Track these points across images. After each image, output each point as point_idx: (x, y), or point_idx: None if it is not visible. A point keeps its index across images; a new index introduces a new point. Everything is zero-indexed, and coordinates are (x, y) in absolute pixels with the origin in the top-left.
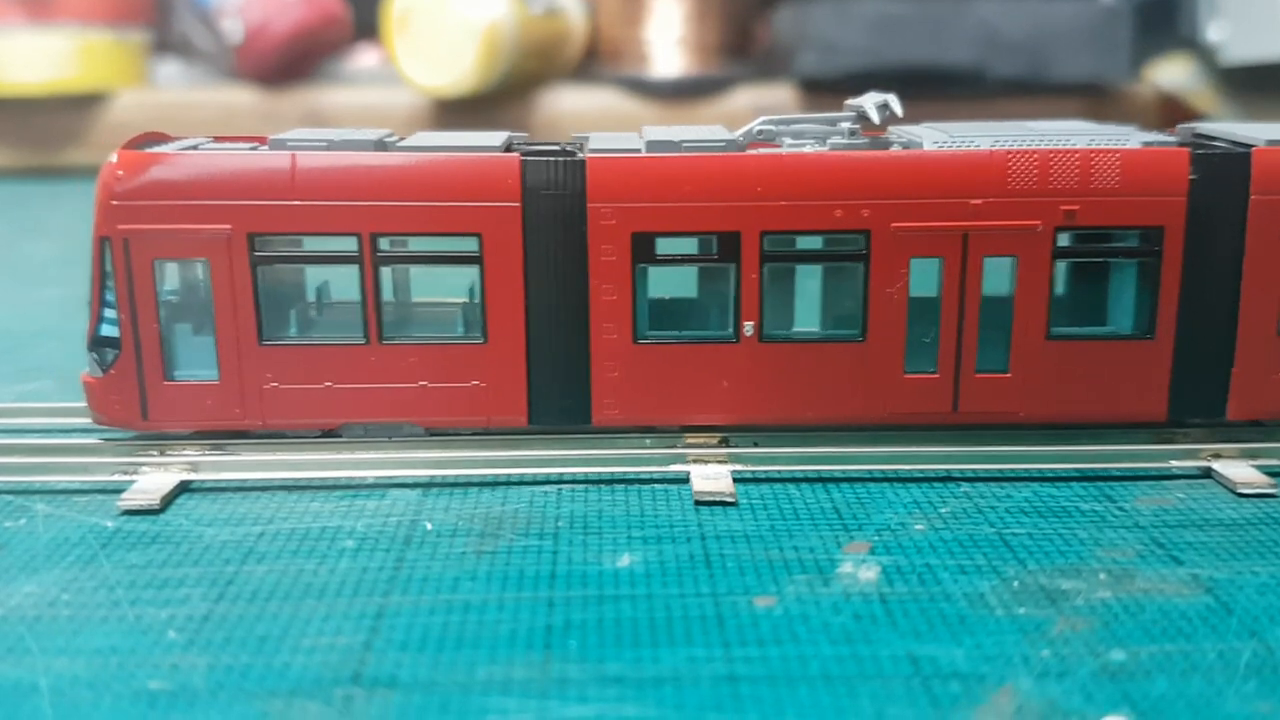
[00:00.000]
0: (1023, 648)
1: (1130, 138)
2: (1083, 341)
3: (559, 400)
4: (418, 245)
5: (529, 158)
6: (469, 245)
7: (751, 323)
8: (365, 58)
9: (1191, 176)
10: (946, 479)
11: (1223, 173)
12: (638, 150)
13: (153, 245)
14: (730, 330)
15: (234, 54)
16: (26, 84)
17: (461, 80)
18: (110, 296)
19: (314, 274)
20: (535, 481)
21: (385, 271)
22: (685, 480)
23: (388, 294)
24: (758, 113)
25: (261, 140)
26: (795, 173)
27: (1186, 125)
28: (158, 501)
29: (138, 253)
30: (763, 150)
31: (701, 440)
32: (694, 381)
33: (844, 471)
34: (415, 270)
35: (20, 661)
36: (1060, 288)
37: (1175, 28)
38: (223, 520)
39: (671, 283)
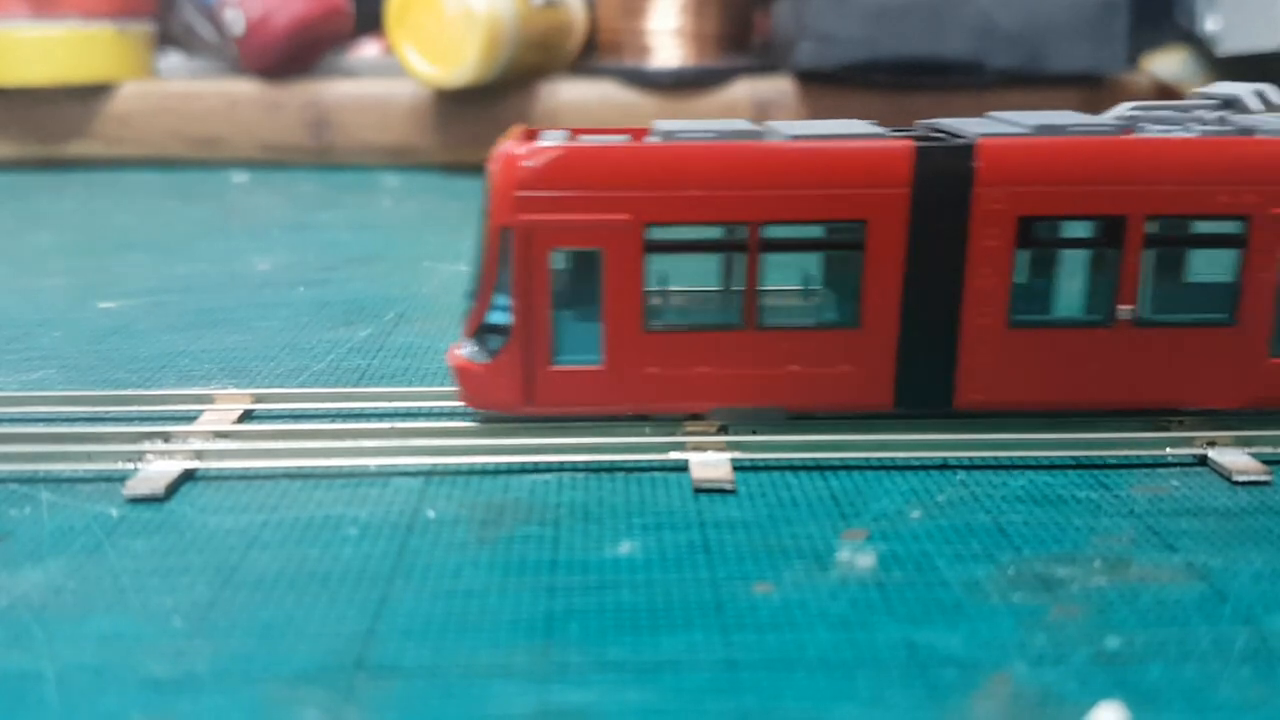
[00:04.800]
0: (1018, 634)
1: None
2: None
3: (925, 385)
4: (803, 233)
5: (920, 144)
6: (853, 232)
7: (1129, 307)
8: (367, 49)
9: None
10: (943, 467)
11: None
12: (1019, 134)
13: (551, 234)
14: (1106, 315)
15: (236, 46)
16: (30, 76)
17: (463, 72)
18: (503, 284)
19: (680, 261)
20: (536, 469)
21: (766, 259)
22: (684, 468)
23: (764, 282)
24: (756, 104)
25: (636, 132)
26: (1180, 156)
27: None
28: (162, 490)
29: (536, 242)
30: (1136, 135)
31: (701, 428)
32: (1061, 366)
33: (841, 460)
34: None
35: (26, 649)
36: None
37: (1172, 19)
38: (227, 508)
39: (1045, 266)
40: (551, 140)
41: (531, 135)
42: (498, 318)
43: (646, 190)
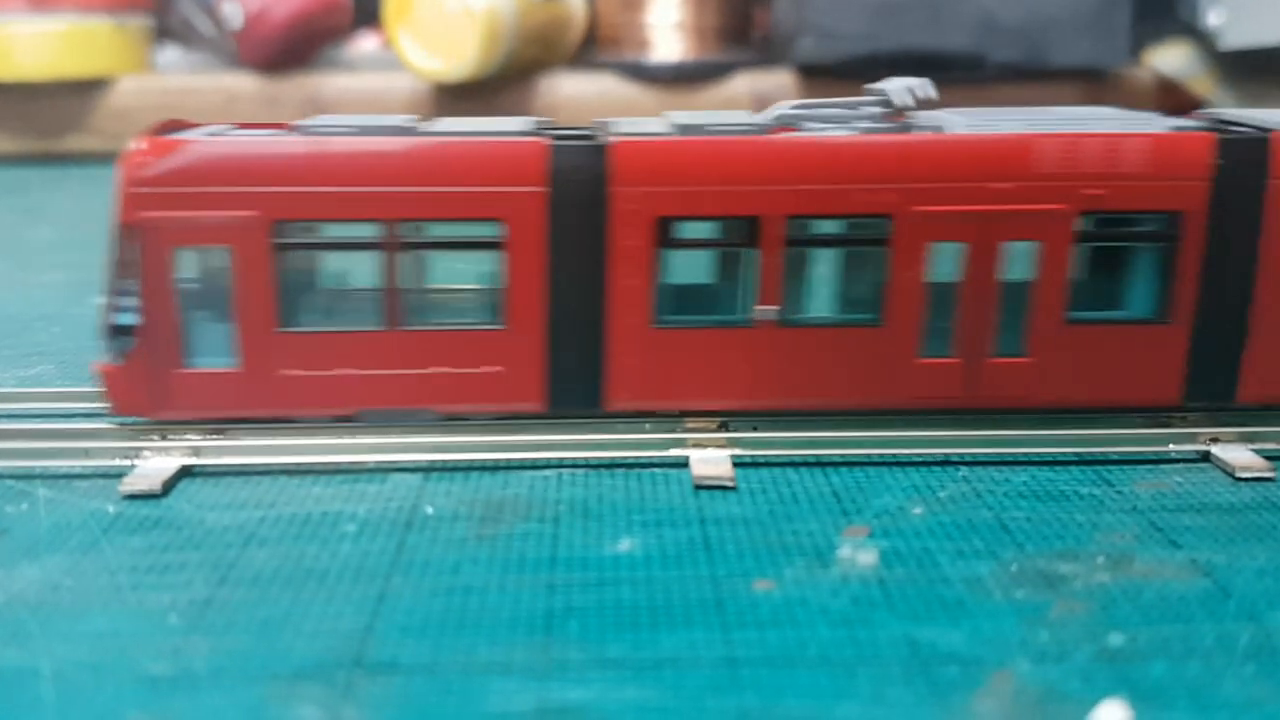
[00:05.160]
0: (1021, 631)
1: (1154, 123)
2: (1101, 326)
3: (575, 386)
4: (441, 231)
5: (555, 142)
6: (493, 231)
7: (771, 307)
8: (366, 43)
9: (1217, 161)
10: (945, 463)
11: (1244, 157)
12: (662, 134)
13: (175, 232)
14: (748, 315)
15: (234, 40)
16: (28, 70)
17: (462, 66)
18: (129, 285)
19: (334, 260)
20: (536, 466)
21: (408, 257)
22: (685, 465)
23: (408, 280)
24: (756, 99)
25: (286, 127)
26: (819, 156)
27: (1207, 111)
28: (159, 486)
29: (159, 240)
30: (787, 134)
31: (701, 425)
32: (709, 366)
33: (843, 456)
34: (437, 255)
35: (23, 646)
36: (1080, 273)
37: (1174, 13)
38: (224, 505)
39: (691, 267)
40: (196, 135)
41: (175, 128)
42: (125, 319)
43: (276, 186)
